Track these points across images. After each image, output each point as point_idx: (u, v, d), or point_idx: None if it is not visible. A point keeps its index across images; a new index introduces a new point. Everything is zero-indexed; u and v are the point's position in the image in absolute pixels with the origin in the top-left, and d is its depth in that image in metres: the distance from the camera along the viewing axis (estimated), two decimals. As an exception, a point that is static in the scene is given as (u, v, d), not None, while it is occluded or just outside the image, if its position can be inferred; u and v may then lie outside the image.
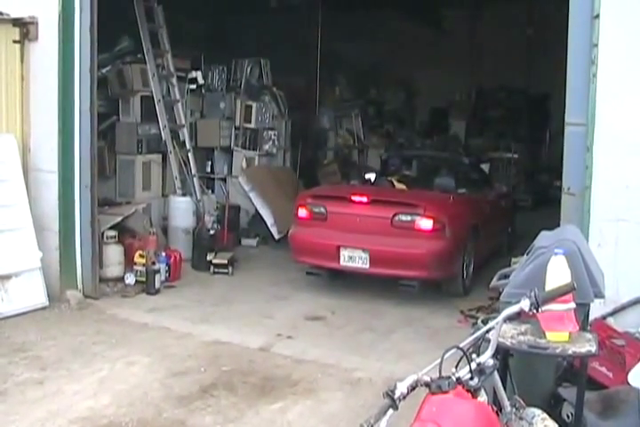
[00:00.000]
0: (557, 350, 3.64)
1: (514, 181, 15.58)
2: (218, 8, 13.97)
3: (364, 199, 8.56)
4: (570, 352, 3.64)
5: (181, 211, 10.48)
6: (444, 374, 2.83)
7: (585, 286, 3.97)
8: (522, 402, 3.28)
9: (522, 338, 3.78)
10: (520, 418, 3.61)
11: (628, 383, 4.85)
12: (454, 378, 2.81)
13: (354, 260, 8.38)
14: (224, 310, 8.16)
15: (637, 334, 5.43)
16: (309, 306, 8.34)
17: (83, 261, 8.26)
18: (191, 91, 11.73)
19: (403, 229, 8.28)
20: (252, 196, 11.42)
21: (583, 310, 4.08)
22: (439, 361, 2.82)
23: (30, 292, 7.79)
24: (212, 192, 11.90)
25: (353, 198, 8.61)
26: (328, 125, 15.03)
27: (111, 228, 8.96)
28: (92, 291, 8.27)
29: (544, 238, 4.43)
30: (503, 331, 3.76)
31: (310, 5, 14.26)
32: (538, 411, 3.71)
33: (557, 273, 3.62)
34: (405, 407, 2.75)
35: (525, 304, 2.96)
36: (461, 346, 2.92)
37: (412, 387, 2.74)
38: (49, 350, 6.67)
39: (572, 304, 3.35)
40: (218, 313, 8.01)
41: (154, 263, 8.71)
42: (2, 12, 8.05)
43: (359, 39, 16.37)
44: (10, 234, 7.74)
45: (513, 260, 5.74)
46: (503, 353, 4.20)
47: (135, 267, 8.84)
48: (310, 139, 14.05)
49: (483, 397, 2.93)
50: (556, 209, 6.16)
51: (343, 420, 5.37)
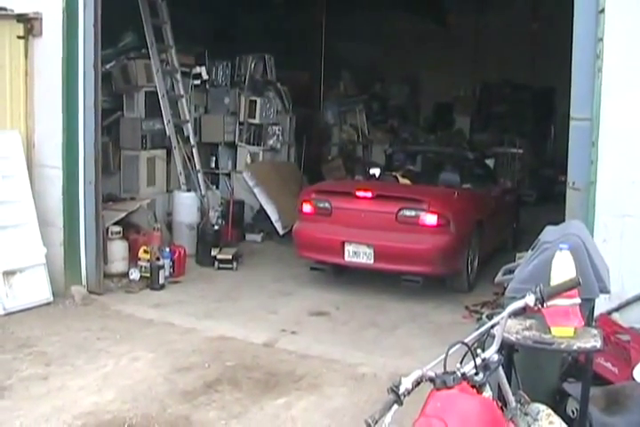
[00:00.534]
0: (562, 346, 3.63)
1: (518, 176, 15.55)
2: (222, 3, 13.95)
3: (368, 194, 8.54)
4: (575, 348, 3.62)
5: (186, 206, 10.48)
6: (448, 369, 2.83)
7: (590, 281, 3.95)
8: (526, 398, 3.27)
9: (527, 333, 3.77)
10: (525, 414, 3.61)
11: (633, 379, 4.85)
12: (459, 373, 2.80)
13: (358, 255, 8.37)
14: (228, 305, 8.16)
15: (643, 330, 5.41)
16: (313, 301, 8.33)
17: (87, 257, 8.26)
18: (195, 86, 11.72)
19: (407, 225, 8.27)
20: (256, 191, 11.41)
21: (588, 305, 4.08)
22: (444, 356, 2.82)
23: (35, 287, 7.79)
24: (217, 188, 11.91)
25: (357, 194, 8.60)
26: (332, 121, 15.05)
27: (115, 223, 8.95)
28: (97, 287, 8.28)
29: (549, 233, 4.42)
30: (508, 326, 3.73)
31: (315, 1, 14.21)
32: (543, 407, 3.71)
33: (562, 268, 3.60)
34: (410, 403, 2.75)
35: (530, 299, 2.95)
36: (466, 341, 2.91)
37: (417, 382, 2.74)
38: (53, 345, 6.67)
39: (578, 299, 3.34)
40: (222, 309, 8.02)
41: (158, 259, 8.70)
42: (6, 8, 8.05)
43: (363, 35, 16.36)
44: (14, 230, 7.74)
45: (517, 255, 5.74)
46: (508, 349, 4.18)
47: (139, 262, 8.83)
48: (314, 134, 14.01)
49: (487, 392, 2.92)
50: (560, 204, 6.16)
51: (347, 415, 5.37)
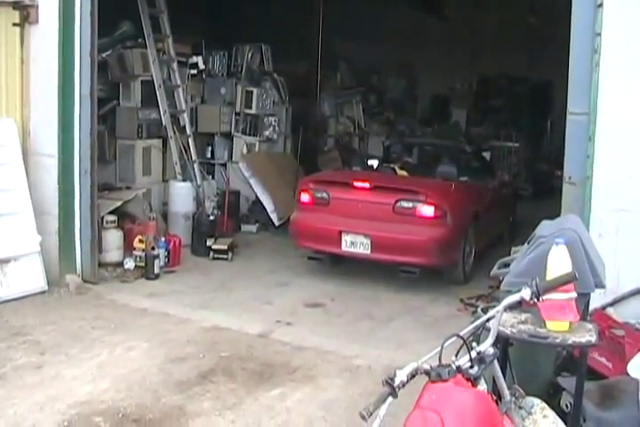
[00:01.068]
0: (557, 340, 3.63)
1: (514, 169, 15.55)
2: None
3: (366, 185, 8.58)
4: (570, 342, 3.63)
5: (181, 196, 10.48)
6: (443, 362, 2.83)
7: (586, 275, 3.95)
8: (521, 391, 3.28)
9: (522, 327, 3.78)
10: (519, 407, 3.61)
11: (627, 374, 4.86)
12: (454, 366, 2.81)
13: (355, 245, 8.41)
14: (223, 295, 8.17)
15: (637, 325, 5.41)
16: (309, 293, 8.35)
17: (82, 246, 8.27)
18: (192, 76, 11.71)
19: (404, 216, 8.31)
20: (252, 182, 11.42)
21: (584, 299, 4.07)
22: (439, 349, 2.82)
23: (29, 276, 7.79)
24: (213, 178, 11.89)
25: (355, 184, 8.64)
26: (329, 112, 14.99)
27: (111, 213, 8.96)
28: (92, 276, 8.28)
29: (545, 228, 4.42)
30: (503, 320, 3.75)
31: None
32: (537, 400, 3.72)
33: (558, 262, 3.61)
34: (405, 395, 2.75)
35: (526, 293, 2.96)
36: (461, 334, 2.91)
37: (412, 375, 2.74)
38: (48, 334, 6.67)
39: (574, 294, 3.35)
40: (217, 299, 8.02)
41: (153, 248, 8.71)
42: (1, -5, 8.02)
43: (361, 26, 16.32)
44: (9, 218, 7.72)
45: (513, 249, 5.73)
46: (503, 342, 4.19)
47: (135, 252, 8.84)
48: (311, 125, 14.00)
49: (482, 385, 2.93)
50: (556, 198, 6.17)
51: (342, 407, 5.37)
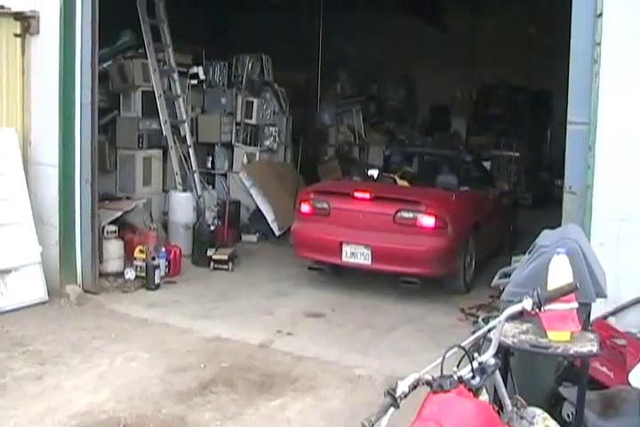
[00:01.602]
0: (559, 350, 3.63)
1: (515, 179, 15.57)
2: (220, 3, 13.96)
3: (366, 195, 8.58)
4: (571, 352, 3.62)
5: (182, 206, 10.51)
6: (445, 373, 2.83)
7: (587, 285, 3.96)
8: (523, 401, 3.28)
9: (523, 337, 3.77)
10: (521, 417, 3.60)
11: (629, 383, 4.86)
12: (456, 377, 2.82)
13: (356, 256, 8.41)
14: (224, 306, 8.16)
15: (639, 334, 5.41)
16: (309, 302, 8.35)
17: (82, 256, 8.27)
18: (192, 86, 11.75)
19: (405, 226, 8.31)
20: (252, 192, 11.45)
21: (585, 309, 4.08)
22: (441, 360, 2.82)
23: (30, 286, 7.80)
24: (213, 188, 11.92)
25: (356, 195, 8.64)
26: (329, 122, 15.03)
27: (111, 222, 8.97)
28: (92, 286, 8.29)
29: (546, 237, 4.42)
30: (505, 330, 3.74)
31: (311, 2, 14.23)
32: (539, 410, 3.71)
33: (559, 272, 3.60)
34: (407, 406, 2.75)
35: (528, 303, 2.96)
36: (463, 345, 2.91)
37: (414, 386, 2.74)
38: (48, 344, 6.68)
39: (575, 304, 3.34)
40: (218, 309, 8.01)
41: (154, 258, 8.71)
42: (3, 6, 8.09)
43: (360, 35, 16.35)
44: (9, 228, 7.74)
45: (514, 258, 5.73)
46: (504, 352, 4.19)
47: (135, 262, 8.85)
48: (311, 135, 14.05)
49: (484, 396, 2.93)
50: (556, 208, 6.17)
51: (343, 417, 5.37)
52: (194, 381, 5.95)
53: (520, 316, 3.06)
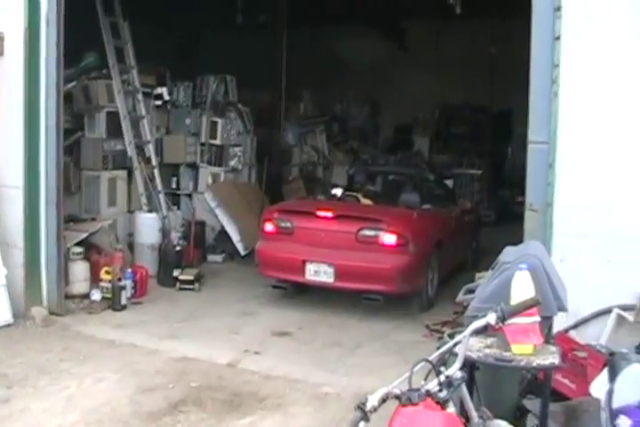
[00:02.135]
0: (522, 363, 3.73)
1: (478, 197, 15.74)
2: (184, 24, 14.04)
3: (329, 214, 8.69)
4: (534, 364, 3.73)
5: (147, 227, 10.49)
6: (413, 386, 2.90)
7: (549, 299, 4.07)
8: (489, 413, 3.36)
9: (488, 351, 3.87)
10: (487, 429, 3.70)
11: (590, 394, 4.97)
12: (423, 390, 2.89)
13: (319, 274, 8.49)
14: (191, 326, 8.17)
15: (598, 347, 5.55)
16: (276, 321, 8.37)
17: (48, 278, 8.23)
18: (157, 107, 11.77)
19: (367, 244, 8.42)
20: (217, 212, 11.47)
21: (547, 323, 4.18)
22: (409, 374, 2.90)
23: (-6, 309, 7.72)
24: (178, 208, 11.90)
25: (318, 213, 8.74)
26: (293, 142, 15.13)
27: (77, 244, 8.97)
28: (58, 308, 8.24)
29: (508, 254, 4.53)
30: (470, 344, 3.83)
31: (275, 22, 14.36)
32: (504, 423, 3.80)
33: (521, 288, 3.71)
34: (378, 419, 2.82)
35: (492, 318, 3.05)
36: (430, 359, 2.99)
37: (383, 400, 2.81)
38: (15, 367, 6.62)
39: (537, 317, 3.45)
40: (185, 329, 8.01)
41: (120, 280, 8.69)
42: (-33, 27, 8.04)
43: (324, 56, 16.53)
44: (-26, 251, 7.67)
45: (477, 275, 5.84)
46: (469, 366, 4.27)
47: (101, 283, 8.82)
48: (275, 155, 14.11)
49: (451, 408, 3.00)
50: (519, 224, 6.28)
51: (312, 434, 5.42)
52: (163, 401, 5.95)
53: (485, 330, 3.15)
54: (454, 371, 3.05)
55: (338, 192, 9.92)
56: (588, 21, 5.69)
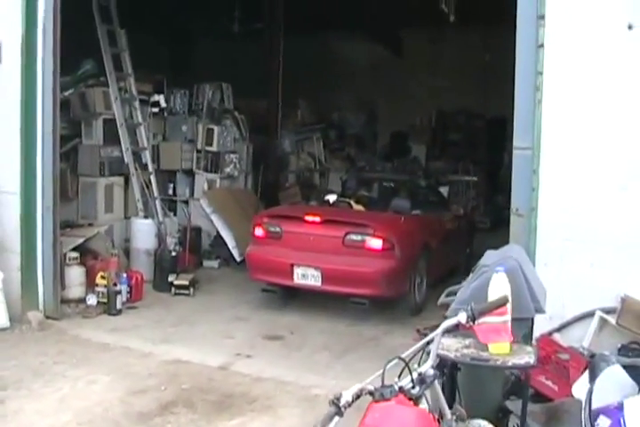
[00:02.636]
0: (498, 362, 3.82)
1: (473, 203, 15.81)
2: (181, 33, 14.16)
3: (316, 219, 8.82)
4: (510, 364, 3.82)
5: (143, 233, 10.55)
6: (387, 383, 3.00)
7: (526, 301, 4.17)
8: (463, 411, 3.45)
9: (465, 351, 3.96)
10: (466, 429, 3.80)
11: (572, 396, 5.06)
12: (396, 387, 2.97)
13: (307, 277, 8.62)
14: (185, 330, 8.25)
15: (581, 349, 5.63)
16: (268, 326, 8.46)
17: (44, 283, 8.30)
18: (154, 114, 11.86)
19: (354, 249, 8.56)
20: (213, 218, 11.54)
21: (526, 324, 4.28)
22: (382, 371, 3.00)
23: (-10, 312, 7.80)
24: (175, 214, 12.00)
25: (306, 218, 8.87)
26: (289, 149, 15.19)
27: (73, 249, 9.05)
28: (54, 312, 8.31)
29: (488, 257, 4.64)
30: (448, 345, 3.94)
31: (272, 30, 14.45)
32: (484, 422, 3.90)
33: (498, 289, 3.81)
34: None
35: (463, 317, 3.15)
36: (403, 357, 3.09)
37: (357, 395, 2.90)
38: (10, 370, 6.71)
39: (508, 317, 3.54)
40: (178, 333, 8.10)
41: (115, 284, 8.76)
42: (-36, 35, 8.12)
43: (320, 63, 16.63)
44: (-29, 255, 7.75)
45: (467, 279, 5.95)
46: (450, 366, 4.38)
47: (97, 288, 8.90)
48: (272, 162, 14.20)
49: (424, 404, 3.09)
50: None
51: (300, 434, 5.51)
52: (154, 402, 6.05)
53: (457, 329, 3.25)
54: (427, 368, 3.15)
55: (332, 198, 10.02)
56: (570, 30, 5.78)
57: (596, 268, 5.77)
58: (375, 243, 8.47)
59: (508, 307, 3.49)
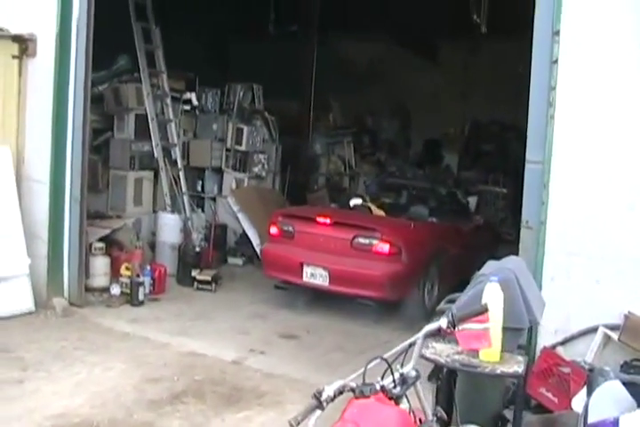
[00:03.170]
0: (487, 370, 3.96)
1: (501, 214, 15.81)
2: (215, 32, 14.29)
3: (327, 221, 9.05)
4: (498, 372, 3.95)
5: (169, 227, 10.74)
6: (371, 381, 3.17)
7: (519, 312, 4.28)
8: (443, 413, 3.57)
9: (456, 357, 4.10)
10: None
11: (571, 408, 5.16)
12: (378, 386, 3.13)
13: (315, 276, 8.82)
14: (203, 324, 8.43)
15: (583, 363, 5.69)
16: (285, 325, 8.59)
17: (70, 271, 8.53)
18: (185, 111, 12.03)
19: (361, 251, 8.76)
20: (239, 216, 11.67)
21: (518, 334, 4.39)
22: (363, 370, 3.16)
23: (17, 297, 8.06)
24: (202, 211, 12.14)
25: (318, 219, 9.11)
26: (320, 151, 15.26)
27: (100, 240, 9.26)
28: (78, 299, 8.54)
29: (487, 267, 4.77)
30: (440, 350, 4.09)
31: (306, 32, 14.61)
32: (475, 428, 4.05)
33: (491, 298, 3.94)
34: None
35: (444, 322, 3.30)
36: (385, 357, 3.26)
37: (340, 391, 3.06)
38: (31, 352, 6.96)
39: (488, 324, 3.67)
40: (196, 327, 8.28)
41: (138, 276, 8.96)
42: (2, 29, 8.39)
43: (354, 67, 16.72)
44: (0, 240, 8.00)
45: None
46: (448, 374, 4.52)
47: (121, 278, 9.10)
48: (301, 164, 14.33)
49: (405, 404, 3.23)
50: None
51: (304, 430, 5.66)
52: (166, 391, 6.24)
53: (438, 333, 3.39)
54: (409, 369, 3.30)
55: (357, 202, 10.19)
56: (584, 46, 5.84)
57: (601, 284, 5.82)
58: (382, 247, 8.66)
59: (488, 315, 3.62)
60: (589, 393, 4.83)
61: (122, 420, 5.65)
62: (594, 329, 5.89)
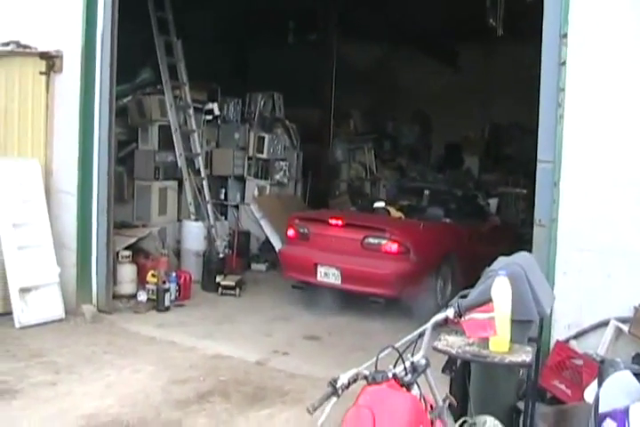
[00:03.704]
0: (496, 359, 4.09)
1: (522, 215, 15.90)
2: (236, 43, 14.51)
3: (339, 222, 9.38)
4: (506, 361, 4.08)
5: (193, 235, 10.96)
6: (382, 369, 3.36)
7: (528, 304, 4.41)
8: (454, 400, 3.73)
9: (467, 348, 4.22)
10: (473, 424, 4.11)
11: (584, 400, 5.30)
12: (389, 373, 3.33)
13: (328, 276, 9.16)
14: (228, 328, 8.63)
15: (595, 355, 5.83)
16: (308, 326, 8.78)
17: (98, 278, 8.76)
18: (207, 121, 12.26)
19: (371, 251, 9.10)
20: (262, 223, 11.92)
21: (527, 326, 4.52)
22: (375, 359, 3.36)
23: (48, 304, 8.29)
24: (225, 218, 12.37)
25: (330, 221, 9.44)
26: (341, 158, 15.47)
27: (126, 248, 9.49)
28: (106, 306, 8.77)
29: (498, 262, 4.93)
30: (452, 342, 4.25)
31: (326, 41, 14.76)
32: (491, 418, 4.18)
33: (499, 292, 4.09)
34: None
35: (450, 312, 3.49)
36: (396, 346, 3.45)
37: (354, 379, 3.27)
38: (63, 356, 7.19)
39: (493, 313, 3.83)
40: (221, 330, 8.48)
41: (164, 283, 9.17)
42: (30, 46, 8.65)
43: (374, 73, 16.87)
44: (31, 250, 8.22)
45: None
46: (462, 365, 4.68)
47: (147, 285, 9.31)
48: (323, 170, 14.54)
49: (416, 391, 3.41)
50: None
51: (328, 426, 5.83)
52: (192, 391, 6.45)
53: (445, 323, 3.57)
54: (419, 358, 3.49)
55: (380, 205, 10.49)
56: (592, 48, 6.00)
57: (612, 278, 5.96)
58: (391, 246, 8.99)
59: (492, 305, 3.79)
60: (600, 384, 4.94)
61: (150, 419, 5.86)
62: (605, 322, 6.02)
